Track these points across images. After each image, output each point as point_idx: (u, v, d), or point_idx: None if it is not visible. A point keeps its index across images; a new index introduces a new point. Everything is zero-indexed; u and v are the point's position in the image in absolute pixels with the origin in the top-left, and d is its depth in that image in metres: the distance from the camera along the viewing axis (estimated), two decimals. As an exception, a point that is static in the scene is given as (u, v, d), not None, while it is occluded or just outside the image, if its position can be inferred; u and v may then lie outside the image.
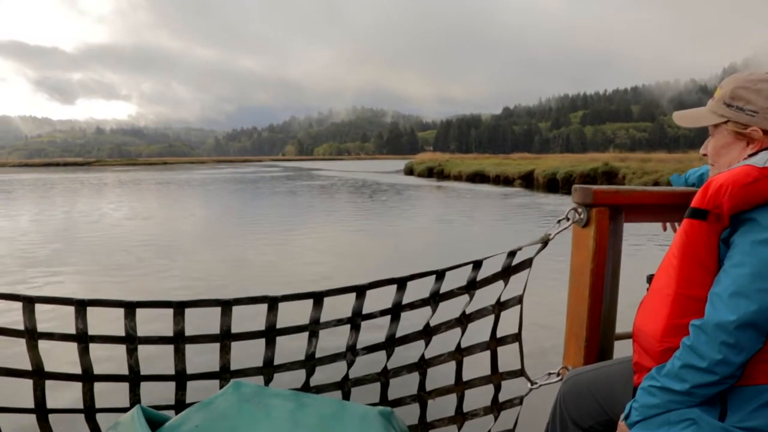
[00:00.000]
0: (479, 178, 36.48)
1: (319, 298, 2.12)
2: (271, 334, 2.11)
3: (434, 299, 2.20)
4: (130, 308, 1.95)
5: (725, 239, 1.42)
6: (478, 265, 2.18)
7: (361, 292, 2.15)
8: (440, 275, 2.17)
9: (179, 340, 2.01)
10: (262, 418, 1.64)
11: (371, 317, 2.18)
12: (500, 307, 2.20)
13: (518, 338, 2.23)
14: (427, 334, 2.22)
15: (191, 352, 2.05)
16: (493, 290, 2.21)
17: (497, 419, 2.25)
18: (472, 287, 2.19)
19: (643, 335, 1.56)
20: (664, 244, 1.73)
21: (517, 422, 2.25)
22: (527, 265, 2.18)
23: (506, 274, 2.19)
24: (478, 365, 2.33)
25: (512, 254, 2.17)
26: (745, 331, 1.33)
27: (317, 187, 31.83)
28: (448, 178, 39.80)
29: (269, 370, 2.12)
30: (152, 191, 29.75)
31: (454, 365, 2.23)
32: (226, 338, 2.06)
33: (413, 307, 2.21)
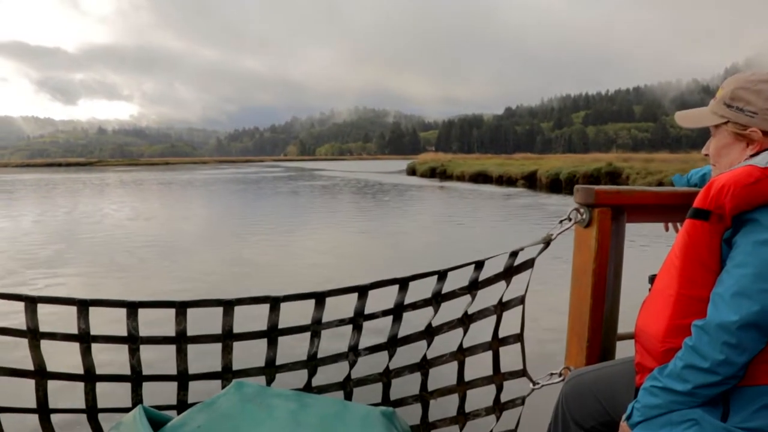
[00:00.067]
0: (482, 178, 36.43)
1: (321, 298, 2.12)
2: (273, 334, 2.11)
3: (436, 299, 2.20)
4: (132, 308, 1.95)
5: (727, 239, 1.42)
6: (480, 265, 2.17)
7: (363, 292, 2.15)
8: (442, 275, 2.17)
9: (181, 340, 2.01)
10: (264, 418, 1.64)
11: (373, 317, 2.19)
12: (502, 307, 2.20)
13: (520, 338, 2.23)
14: (429, 334, 2.22)
15: (193, 352, 2.05)
16: (495, 290, 2.21)
17: (499, 419, 2.24)
18: (474, 287, 2.19)
19: (645, 336, 1.56)
20: (666, 244, 1.72)
21: (519, 422, 2.25)
22: (529, 265, 2.18)
23: (508, 274, 2.19)
24: (480, 365, 2.33)
25: (514, 254, 2.17)
26: (747, 331, 1.33)
27: (319, 187, 31.83)
28: (450, 178, 39.77)
29: (271, 370, 2.12)
30: (154, 191, 29.77)
31: (456, 365, 2.23)
32: (228, 338, 2.06)
33: (415, 307, 2.21)
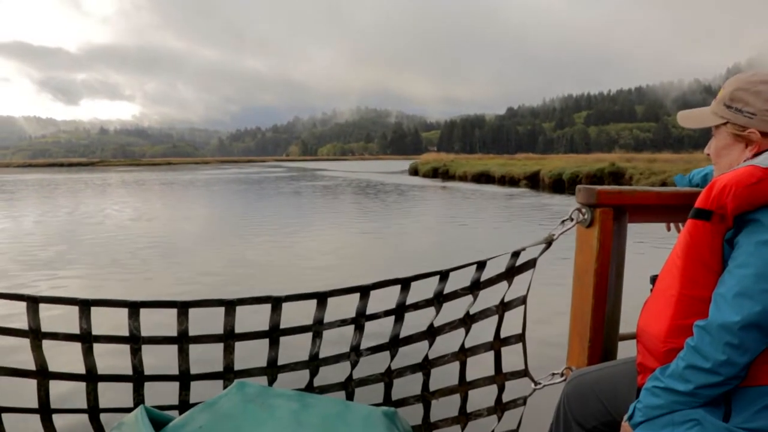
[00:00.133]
0: (484, 178, 36.38)
1: (323, 298, 2.12)
2: (274, 334, 2.11)
3: (438, 300, 2.20)
4: (134, 308, 1.95)
5: (729, 240, 1.42)
6: (482, 265, 2.18)
7: (365, 292, 2.16)
8: (444, 276, 2.17)
9: (183, 340, 2.01)
10: (266, 418, 1.64)
11: (375, 318, 2.19)
12: (504, 307, 2.20)
13: (522, 338, 2.23)
14: (430, 334, 2.22)
15: (195, 352, 2.05)
16: (496, 291, 2.21)
17: (501, 419, 2.24)
18: (475, 288, 2.19)
19: (646, 336, 1.56)
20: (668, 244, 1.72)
21: (520, 423, 2.25)
22: (531, 265, 2.18)
23: (510, 274, 2.19)
24: (481, 365, 2.33)
25: (516, 255, 2.17)
26: (749, 331, 1.33)
27: (321, 187, 31.82)
28: (453, 178, 39.73)
29: (273, 370, 2.12)
30: (156, 192, 29.79)
31: (457, 365, 2.23)
32: (229, 338, 2.06)
33: (417, 307, 2.21)
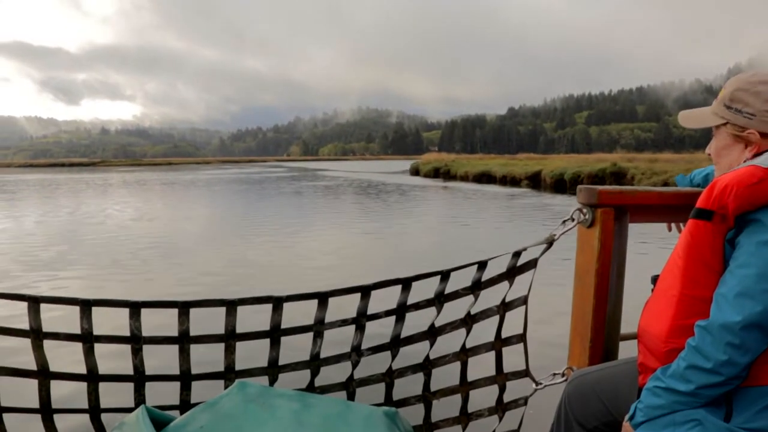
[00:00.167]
0: (486, 178, 36.34)
1: (324, 298, 2.12)
2: (275, 334, 2.11)
3: (439, 300, 2.20)
4: (135, 308, 1.95)
5: (730, 240, 1.42)
6: (483, 265, 2.17)
7: (366, 292, 2.16)
8: (445, 276, 2.17)
9: (184, 340, 2.01)
10: (267, 418, 1.64)
11: (376, 318, 2.19)
12: (505, 307, 2.20)
13: (523, 339, 2.23)
14: (431, 334, 2.22)
15: (196, 352, 2.05)
16: (498, 291, 2.21)
17: (502, 420, 2.24)
18: (477, 288, 2.19)
19: (648, 336, 1.56)
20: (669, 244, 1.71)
21: (522, 423, 2.25)
22: (532, 265, 2.18)
23: (511, 274, 2.19)
24: (482, 366, 2.33)
25: (517, 255, 2.17)
26: (750, 331, 1.33)
27: (322, 187, 31.81)
28: (454, 178, 39.70)
29: (274, 370, 2.12)
30: (157, 192, 29.80)
31: (458, 366, 2.23)
32: (230, 338, 2.06)
33: (418, 307, 2.21)
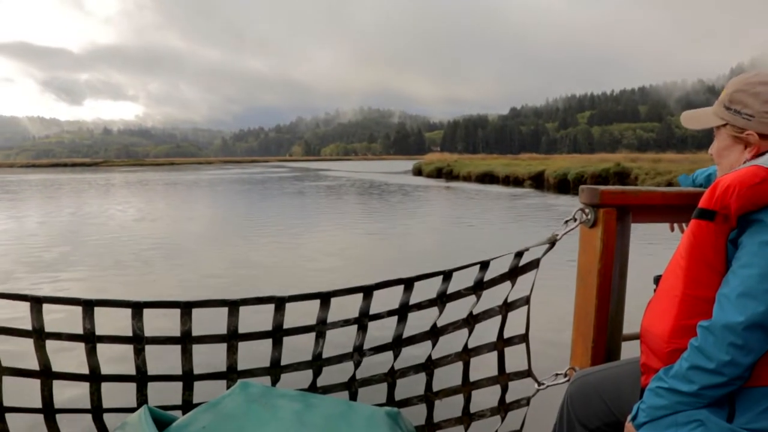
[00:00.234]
0: (488, 178, 36.30)
1: (326, 298, 2.12)
2: (278, 334, 2.11)
3: (441, 300, 2.20)
4: (137, 308, 1.96)
5: (733, 240, 1.42)
6: (485, 265, 2.17)
7: (368, 292, 2.16)
8: (447, 276, 2.17)
9: (186, 340, 2.02)
10: (269, 418, 1.64)
11: (378, 318, 2.19)
12: (507, 307, 2.20)
13: (525, 339, 2.23)
14: (434, 334, 2.22)
15: (198, 352, 2.05)
16: (500, 291, 2.21)
17: (504, 420, 2.24)
18: (479, 288, 2.19)
19: (650, 336, 1.55)
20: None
21: (524, 423, 2.25)
22: (534, 265, 2.18)
23: (513, 274, 2.19)
24: (485, 366, 2.33)
25: (519, 255, 2.17)
26: (753, 332, 1.33)
27: (325, 187, 31.81)
28: (457, 178, 39.67)
29: (276, 370, 2.12)
30: (160, 192, 29.83)
31: (461, 366, 2.23)
32: (233, 338, 2.06)
33: (420, 307, 2.21)
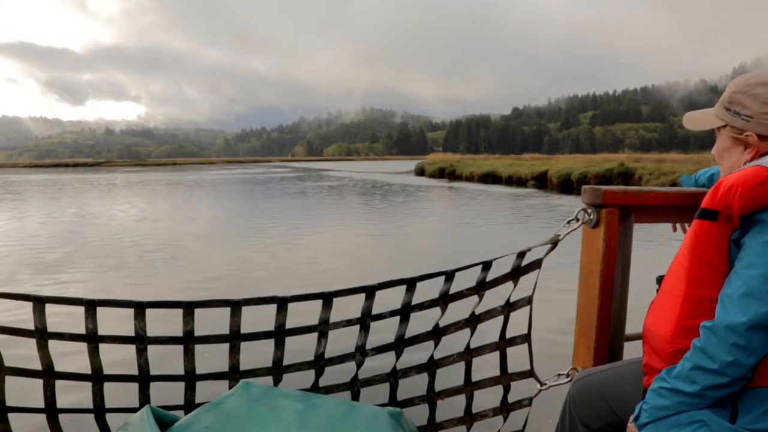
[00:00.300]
0: (491, 178, 36.25)
1: (328, 298, 2.12)
2: (280, 334, 2.11)
3: (443, 300, 2.20)
4: (139, 308, 1.96)
5: (736, 240, 1.41)
6: (487, 265, 2.17)
7: (370, 292, 2.15)
8: (450, 276, 2.17)
9: (189, 340, 2.02)
10: (271, 418, 1.64)
11: (380, 318, 2.19)
12: (509, 307, 2.20)
13: (527, 339, 2.22)
14: (436, 334, 2.22)
15: (201, 352, 2.05)
16: (502, 291, 2.20)
17: (506, 420, 2.24)
18: (481, 288, 2.19)
19: (653, 336, 1.55)
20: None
21: (526, 423, 2.24)
22: (537, 265, 2.18)
23: (515, 274, 2.19)
24: (487, 366, 2.33)
25: (521, 255, 2.17)
26: (756, 332, 1.32)
27: (327, 188, 31.80)
28: (459, 178, 39.64)
29: (278, 370, 2.12)
30: (162, 192, 29.84)
31: (463, 366, 2.23)
32: (235, 338, 2.06)
33: (422, 307, 2.21)
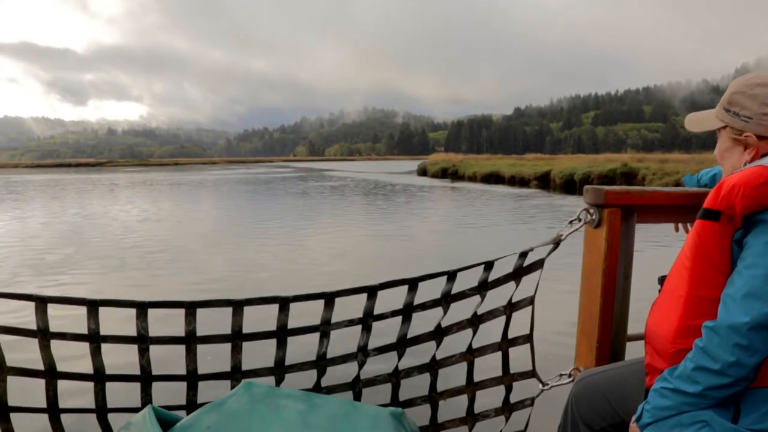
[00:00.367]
0: (494, 179, 36.16)
1: (330, 298, 2.12)
2: (282, 334, 2.11)
3: (446, 300, 2.20)
4: (142, 308, 1.96)
5: (738, 240, 1.41)
6: (489, 265, 2.17)
7: (372, 292, 2.15)
8: (452, 276, 2.17)
9: (191, 340, 2.02)
10: (273, 418, 1.64)
11: (382, 318, 2.19)
12: (512, 307, 2.20)
13: (530, 339, 2.22)
14: (438, 334, 2.22)
15: (203, 352, 2.05)
16: (504, 291, 2.20)
17: (508, 420, 2.24)
18: (483, 288, 2.19)
19: (655, 336, 1.55)
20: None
21: (528, 423, 2.24)
22: (539, 265, 2.18)
23: (518, 274, 2.18)
24: (489, 366, 2.32)
25: (524, 255, 2.17)
26: (758, 332, 1.32)
27: (329, 188, 31.80)
28: (462, 178, 39.57)
29: (280, 370, 2.13)
30: (164, 192, 29.85)
31: (465, 366, 2.23)
32: (237, 338, 2.06)
33: (425, 307, 2.21)
